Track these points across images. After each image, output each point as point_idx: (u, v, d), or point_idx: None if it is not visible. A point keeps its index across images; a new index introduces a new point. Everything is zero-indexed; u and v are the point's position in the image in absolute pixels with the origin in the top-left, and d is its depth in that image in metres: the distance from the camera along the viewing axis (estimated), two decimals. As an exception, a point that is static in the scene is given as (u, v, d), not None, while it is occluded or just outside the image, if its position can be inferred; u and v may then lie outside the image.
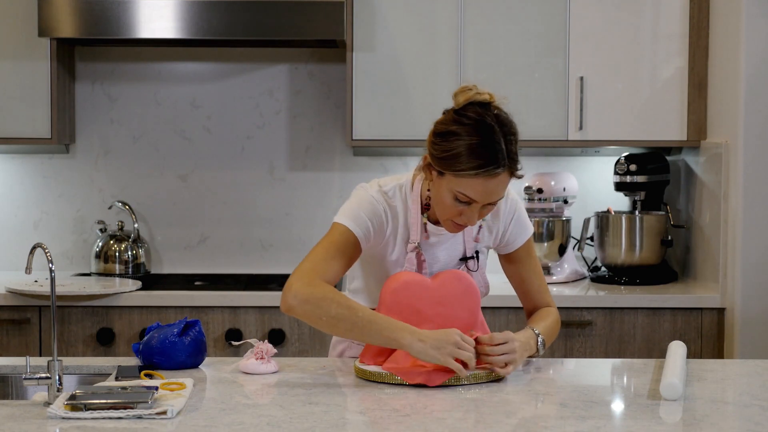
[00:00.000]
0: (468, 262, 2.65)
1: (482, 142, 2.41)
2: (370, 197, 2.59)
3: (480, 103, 2.45)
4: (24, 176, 4.50)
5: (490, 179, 2.42)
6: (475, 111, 2.44)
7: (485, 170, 2.40)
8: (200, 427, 2.11)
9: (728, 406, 2.33)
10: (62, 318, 3.93)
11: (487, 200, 2.46)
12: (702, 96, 4.15)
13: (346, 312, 2.45)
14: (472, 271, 2.65)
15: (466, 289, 2.56)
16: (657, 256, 4.24)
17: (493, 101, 2.48)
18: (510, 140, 2.44)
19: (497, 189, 2.44)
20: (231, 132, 4.52)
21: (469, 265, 2.65)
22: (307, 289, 2.47)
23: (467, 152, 2.41)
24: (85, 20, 3.98)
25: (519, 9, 4.14)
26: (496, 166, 2.40)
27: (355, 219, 2.55)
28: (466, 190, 2.43)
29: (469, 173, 2.41)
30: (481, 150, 2.40)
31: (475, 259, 2.65)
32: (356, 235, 2.54)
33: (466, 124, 2.43)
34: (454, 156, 2.42)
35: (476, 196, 2.44)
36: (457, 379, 2.44)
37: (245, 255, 4.53)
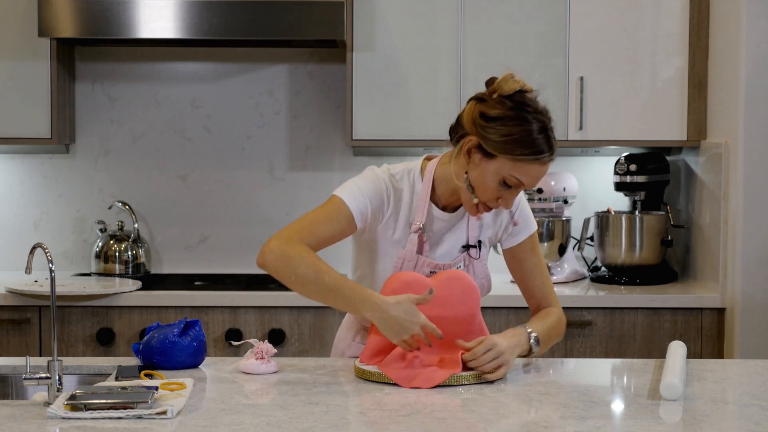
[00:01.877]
0: (470, 251, 2.65)
1: (542, 129, 2.47)
2: (375, 176, 2.61)
3: (526, 92, 2.52)
4: (24, 176, 4.50)
5: (543, 166, 2.49)
6: (529, 99, 2.50)
7: (544, 156, 2.47)
8: (200, 427, 2.11)
9: (728, 406, 2.33)
10: (62, 318, 3.93)
11: (533, 186, 2.53)
12: (702, 96, 4.15)
13: (313, 274, 2.47)
14: (474, 259, 2.65)
15: (465, 290, 2.56)
16: (657, 256, 4.24)
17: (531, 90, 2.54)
18: (553, 131, 2.52)
19: (541, 177, 2.52)
20: (231, 132, 4.52)
21: (471, 254, 2.65)
22: (283, 246, 2.50)
23: (529, 138, 2.45)
24: (85, 20, 3.98)
25: (519, 9, 4.14)
26: (551, 153, 2.49)
27: (354, 195, 2.57)
28: (521, 174, 2.47)
29: (529, 158, 2.46)
30: (542, 137, 2.47)
31: (477, 248, 2.65)
32: (350, 209, 2.56)
33: (526, 111, 2.48)
34: (515, 141, 2.45)
35: (528, 180, 2.49)
36: (457, 379, 2.44)
37: (245, 255, 4.53)
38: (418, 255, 2.60)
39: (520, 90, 2.50)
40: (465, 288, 2.56)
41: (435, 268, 2.62)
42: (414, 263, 2.61)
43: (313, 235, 2.54)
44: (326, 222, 2.55)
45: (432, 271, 2.63)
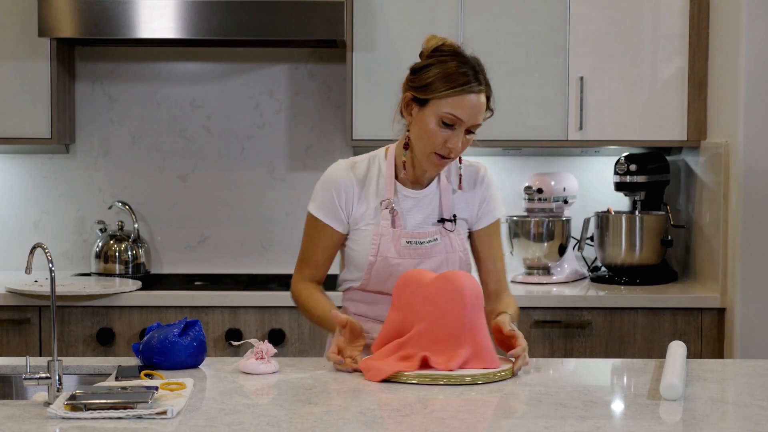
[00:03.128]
0: (446, 224, 2.73)
1: (459, 64, 2.61)
2: (332, 172, 2.77)
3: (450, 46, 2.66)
4: (24, 176, 4.50)
5: (472, 96, 2.60)
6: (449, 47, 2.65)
7: (468, 86, 2.59)
8: (200, 427, 2.11)
9: (728, 406, 2.33)
10: (62, 318, 3.93)
11: (473, 121, 2.61)
12: (702, 96, 4.15)
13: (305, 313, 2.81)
14: (450, 232, 2.73)
15: (453, 290, 2.54)
16: (657, 256, 4.24)
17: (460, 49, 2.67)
18: (481, 69, 2.64)
19: (480, 110, 2.62)
20: (231, 132, 4.52)
21: (447, 227, 2.73)
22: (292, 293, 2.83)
23: (448, 74, 2.59)
24: (85, 20, 3.98)
25: (519, 9, 4.14)
26: (477, 82, 2.61)
27: (320, 204, 2.76)
28: (454, 109, 2.59)
29: (455, 90, 2.58)
30: (461, 69, 2.60)
31: (452, 221, 2.74)
32: (324, 222, 2.74)
33: (442, 55, 2.63)
34: (436, 80, 2.60)
35: (464, 113, 2.59)
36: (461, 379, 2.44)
37: (245, 255, 4.53)
38: (392, 229, 2.70)
39: (441, 44, 2.65)
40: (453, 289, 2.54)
41: (411, 238, 2.71)
42: (390, 237, 2.70)
43: (311, 265, 2.79)
44: (314, 246, 2.78)
45: (408, 241, 2.70)
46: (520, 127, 4.17)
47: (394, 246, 2.70)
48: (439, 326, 2.53)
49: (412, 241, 2.71)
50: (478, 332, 2.53)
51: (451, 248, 2.74)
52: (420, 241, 2.71)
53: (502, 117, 4.15)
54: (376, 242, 2.70)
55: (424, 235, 2.72)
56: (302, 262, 2.79)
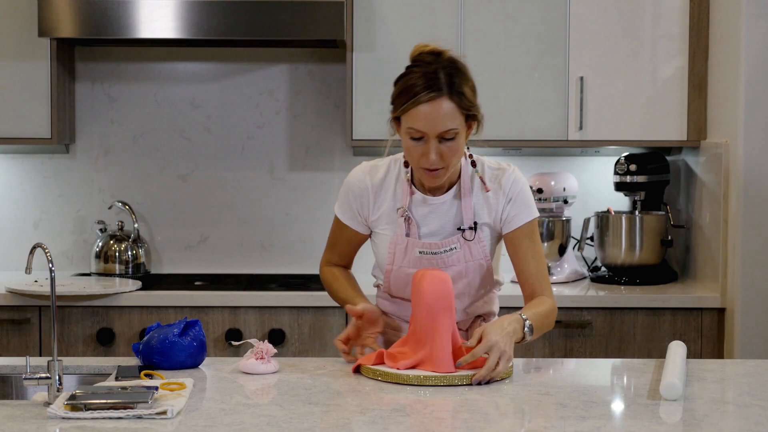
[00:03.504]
0: (465, 233, 2.66)
1: (419, 74, 2.54)
2: (351, 176, 2.77)
3: (430, 52, 2.59)
4: (24, 176, 4.50)
5: (430, 105, 2.51)
6: (423, 56, 2.58)
7: (416, 96, 2.51)
8: (200, 427, 2.11)
9: (728, 406, 2.33)
10: (62, 318, 3.93)
11: (435, 130, 2.52)
12: (702, 96, 4.15)
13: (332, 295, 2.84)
14: (469, 241, 2.66)
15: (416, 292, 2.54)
16: (657, 256, 4.24)
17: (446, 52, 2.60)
18: (453, 73, 2.54)
19: (441, 117, 2.52)
20: (231, 132, 4.52)
21: (466, 235, 2.67)
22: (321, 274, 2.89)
23: (406, 87, 2.56)
24: (85, 20, 3.98)
25: (519, 9, 4.14)
26: (431, 90, 2.51)
27: (342, 207, 2.78)
28: (414, 122, 2.54)
29: (411, 103, 2.53)
30: (418, 80, 2.53)
31: (472, 229, 2.66)
32: (345, 223, 2.78)
33: (412, 66, 2.59)
34: (396, 96, 2.59)
35: (421, 124, 2.52)
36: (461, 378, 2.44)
37: (245, 255, 4.53)
38: (407, 238, 2.66)
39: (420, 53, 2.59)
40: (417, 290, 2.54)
41: (423, 249, 2.66)
42: (404, 246, 2.67)
43: (335, 254, 2.85)
44: (338, 241, 2.83)
45: (421, 251, 2.66)
46: (520, 127, 4.17)
47: (407, 256, 2.67)
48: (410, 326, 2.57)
49: (424, 251, 2.66)
50: (437, 336, 2.50)
51: (471, 257, 2.68)
52: (433, 251, 2.66)
53: (502, 117, 4.17)
54: (391, 251, 2.68)
55: (438, 246, 2.65)
56: (330, 247, 2.85)
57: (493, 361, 2.44)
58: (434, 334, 2.49)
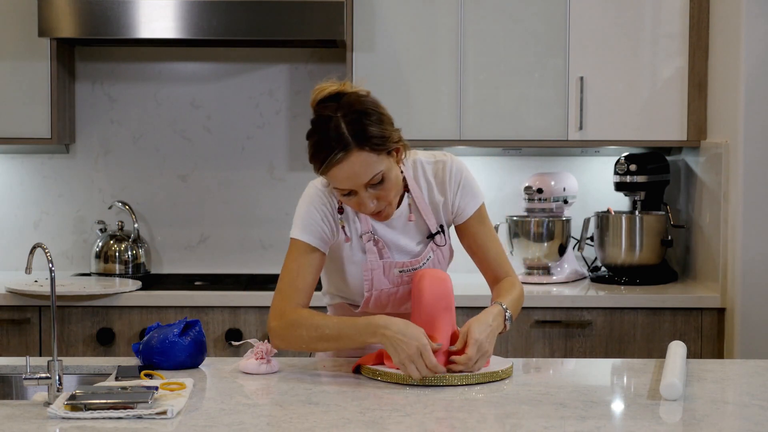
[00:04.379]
0: (435, 238, 2.64)
1: (320, 136, 2.44)
2: (317, 192, 2.60)
3: (328, 97, 2.49)
4: (24, 176, 4.50)
5: (344, 164, 2.42)
6: (324, 106, 2.49)
7: (328, 160, 2.42)
8: (200, 427, 2.11)
9: (728, 406, 2.33)
10: (62, 318, 3.93)
11: (359, 183, 2.44)
12: (702, 96, 4.15)
13: (315, 333, 2.51)
14: (441, 246, 2.64)
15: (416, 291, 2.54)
16: (657, 256, 4.24)
17: (344, 89, 2.50)
18: (354, 119, 2.43)
19: (361, 170, 2.43)
20: (231, 132, 4.52)
21: (437, 241, 2.64)
22: (280, 323, 2.55)
23: (316, 149, 2.45)
24: (85, 20, 3.98)
25: (519, 9, 4.14)
26: (339, 150, 2.41)
27: (304, 226, 2.58)
28: (334, 181, 2.46)
29: (325, 167, 2.44)
30: (320, 144, 2.44)
31: (441, 233, 2.64)
32: (308, 243, 2.58)
33: (314, 122, 2.49)
34: (312, 157, 2.47)
35: (346, 184, 2.45)
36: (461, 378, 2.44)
37: (245, 255, 4.53)
38: (381, 261, 2.61)
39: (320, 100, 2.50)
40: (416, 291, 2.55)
41: (403, 268, 2.63)
42: (381, 269, 2.62)
43: (298, 292, 2.57)
44: (300, 271, 2.58)
45: (401, 270, 2.62)
46: (520, 127, 4.17)
47: (387, 278, 2.63)
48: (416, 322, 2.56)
49: (405, 269, 2.63)
50: (436, 336, 2.50)
51: (443, 259, 2.68)
52: (414, 267, 2.63)
53: (502, 117, 4.17)
54: (368, 277, 2.61)
55: (417, 262, 2.63)
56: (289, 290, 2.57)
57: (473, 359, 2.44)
58: (434, 334, 2.49)
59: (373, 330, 2.44)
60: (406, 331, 2.42)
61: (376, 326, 2.44)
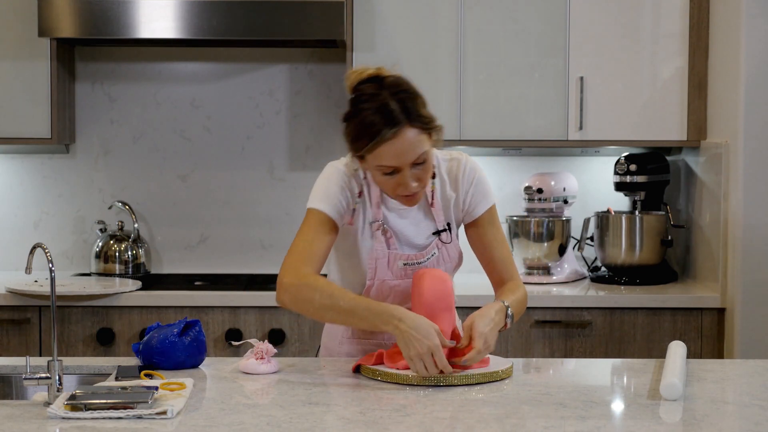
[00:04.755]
0: (441, 235, 2.65)
1: (371, 110, 2.44)
2: (338, 171, 2.62)
3: (368, 79, 2.49)
4: (24, 176, 4.50)
5: (395, 141, 2.43)
6: (363, 87, 2.48)
7: (380, 135, 2.42)
8: (200, 427, 2.11)
9: (728, 406, 2.33)
10: (62, 318, 3.93)
11: (407, 161, 2.46)
12: (702, 96, 4.15)
13: (329, 301, 2.49)
14: (446, 244, 2.65)
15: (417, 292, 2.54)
16: (657, 256, 4.24)
17: (382, 72, 2.51)
18: (402, 98, 2.46)
19: (410, 147, 2.44)
20: (231, 132, 4.52)
21: (443, 238, 2.65)
22: (294, 281, 2.53)
23: (363, 127, 2.44)
24: (85, 20, 3.98)
25: (519, 9, 4.14)
26: (391, 126, 2.42)
27: (325, 198, 2.59)
28: (382, 159, 2.45)
29: (375, 143, 2.43)
30: (373, 118, 2.43)
31: (447, 231, 2.65)
32: (326, 213, 2.58)
33: (357, 101, 2.48)
34: (356, 136, 2.46)
35: (392, 161, 2.45)
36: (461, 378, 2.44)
37: (245, 255, 4.53)
38: (388, 251, 2.62)
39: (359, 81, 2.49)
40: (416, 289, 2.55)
41: (408, 260, 2.63)
42: (386, 259, 2.62)
43: (313, 257, 2.56)
44: (316, 238, 2.57)
45: (405, 263, 2.63)
46: (520, 127, 4.17)
47: (390, 269, 2.63)
48: None
49: (409, 262, 2.63)
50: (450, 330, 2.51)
51: (448, 257, 2.68)
52: (418, 262, 2.64)
53: (502, 117, 4.17)
54: (372, 265, 2.62)
55: (422, 256, 2.63)
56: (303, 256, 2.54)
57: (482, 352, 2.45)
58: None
59: (387, 319, 2.44)
60: (419, 328, 2.41)
61: (391, 316, 2.44)
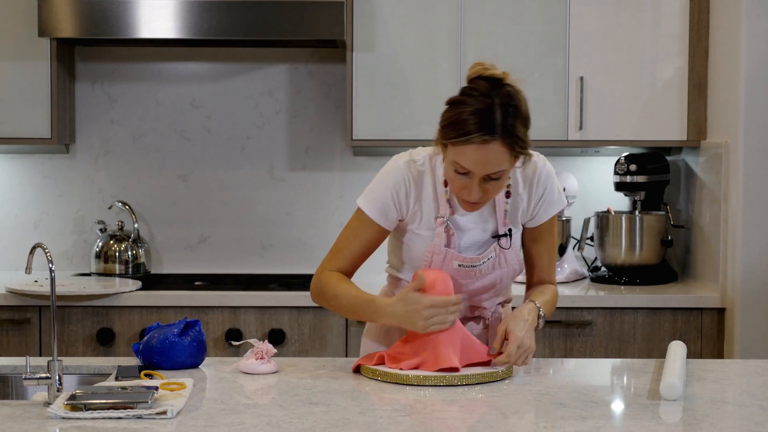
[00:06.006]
0: (501, 240, 2.61)
1: (476, 109, 2.40)
2: (395, 167, 2.59)
3: (489, 78, 2.46)
4: (24, 176, 4.50)
5: (481, 147, 2.39)
6: (480, 83, 2.45)
7: (468, 136, 2.38)
8: (200, 427, 2.11)
9: (728, 406, 2.33)
10: (62, 318, 3.93)
11: (482, 171, 2.42)
12: (702, 96, 4.15)
13: (334, 302, 2.62)
14: (505, 249, 2.61)
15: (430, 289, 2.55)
16: (657, 256, 4.24)
17: (504, 78, 2.47)
18: (509, 112, 2.41)
19: (492, 160, 2.41)
20: (231, 132, 4.52)
21: (502, 243, 2.61)
22: (315, 280, 2.67)
23: (461, 120, 2.40)
24: (85, 20, 3.98)
25: (519, 9, 4.14)
26: (485, 133, 2.38)
27: (371, 199, 2.60)
28: (460, 158, 2.42)
29: (461, 140, 2.40)
30: (473, 117, 2.39)
31: (507, 236, 2.61)
32: (370, 216, 2.59)
33: (467, 94, 2.44)
34: (450, 124, 2.43)
35: (469, 164, 2.41)
36: (461, 378, 2.44)
37: (245, 255, 4.53)
38: (446, 249, 2.58)
39: (480, 76, 2.46)
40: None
41: (463, 262, 2.59)
42: (442, 257, 2.58)
43: (344, 257, 2.63)
44: (354, 238, 2.63)
45: (461, 264, 2.59)
46: (520, 127, 4.16)
47: (444, 266, 2.59)
48: None
49: (464, 264, 2.59)
50: (438, 337, 2.49)
51: (506, 263, 2.63)
52: (473, 264, 2.60)
53: (502, 117, 4.17)
54: (428, 258, 2.59)
55: (477, 260, 2.59)
56: (338, 252, 2.63)
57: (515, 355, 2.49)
58: (436, 335, 2.49)
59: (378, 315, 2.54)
60: (406, 306, 2.47)
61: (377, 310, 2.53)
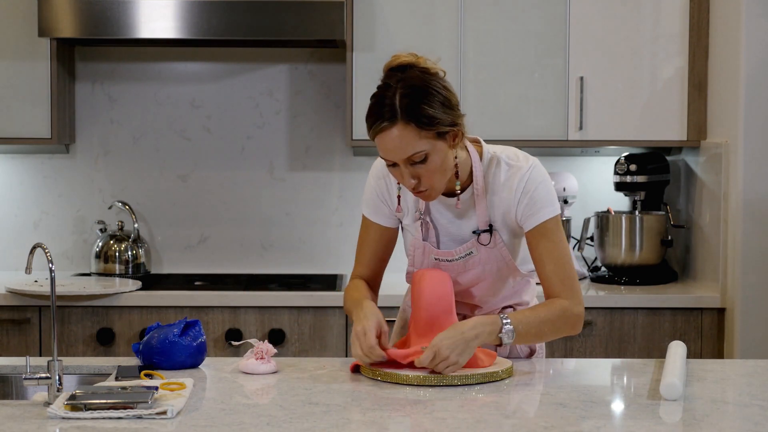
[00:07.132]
0: (480, 236, 2.61)
1: (375, 101, 2.46)
2: (375, 165, 2.70)
3: (397, 66, 2.49)
4: (24, 176, 4.50)
5: (388, 134, 2.43)
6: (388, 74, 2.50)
7: (376, 125, 2.44)
8: (200, 427, 2.11)
9: (728, 406, 2.33)
10: (62, 318, 3.93)
11: (400, 156, 2.44)
12: (702, 96, 4.15)
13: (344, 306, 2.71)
14: (484, 245, 2.60)
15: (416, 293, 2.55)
16: (657, 256, 4.24)
17: (414, 61, 2.50)
18: (409, 93, 2.42)
19: (403, 144, 2.42)
20: (231, 132, 4.52)
21: (481, 239, 2.61)
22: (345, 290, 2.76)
23: (368, 112, 2.48)
24: (85, 20, 3.98)
25: (519, 9, 4.14)
26: (381, 121, 2.43)
27: (365, 200, 2.71)
28: (379, 150, 2.48)
29: (371, 133, 2.47)
30: (372, 109, 2.46)
31: (488, 232, 2.60)
32: (370, 219, 2.70)
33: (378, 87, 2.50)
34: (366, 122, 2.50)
35: (385, 153, 2.47)
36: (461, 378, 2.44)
37: (245, 255, 4.53)
38: (423, 242, 2.63)
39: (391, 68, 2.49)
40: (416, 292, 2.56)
41: (439, 256, 2.62)
42: (422, 250, 2.64)
43: (360, 263, 2.74)
44: (363, 243, 2.73)
45: (436, 258, 2.62)
46: (520, 127, 4.17)
47: (425, 260, 2.64)
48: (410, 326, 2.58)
49: (440, 258, 2.62)
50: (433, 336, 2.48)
51: (488, 260, 2.62)
52: (448, 259, 2.62)
53: (502, 117, 4.17)
54: (411, 253, 2.66)
55: (452, 254, 2.61)
56: (355, 261, 2.76)
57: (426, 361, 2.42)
58: (434, 334, 2.49)
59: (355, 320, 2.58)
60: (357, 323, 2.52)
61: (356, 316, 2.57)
